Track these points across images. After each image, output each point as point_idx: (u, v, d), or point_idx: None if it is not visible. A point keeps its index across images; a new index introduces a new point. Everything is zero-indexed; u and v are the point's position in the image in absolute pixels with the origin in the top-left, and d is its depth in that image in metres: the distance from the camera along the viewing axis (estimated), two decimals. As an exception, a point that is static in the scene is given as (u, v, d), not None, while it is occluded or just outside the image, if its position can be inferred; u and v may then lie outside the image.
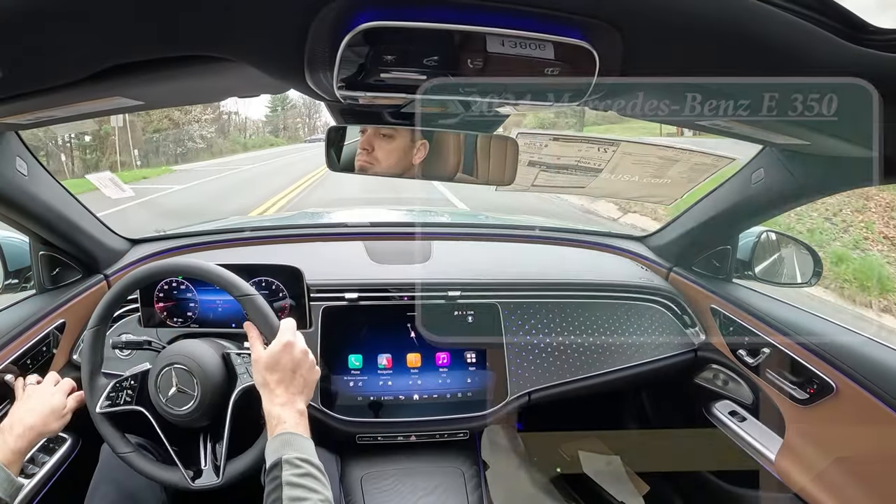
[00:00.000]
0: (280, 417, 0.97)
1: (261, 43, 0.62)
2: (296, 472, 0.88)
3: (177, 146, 31.21)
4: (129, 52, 0.63)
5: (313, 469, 0.90)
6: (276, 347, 1.04)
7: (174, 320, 1.46)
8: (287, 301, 1.46)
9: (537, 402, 1.55)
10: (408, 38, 0.59)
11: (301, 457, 0.90)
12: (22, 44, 0.59)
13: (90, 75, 0.66)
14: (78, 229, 1.47)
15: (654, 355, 1.62)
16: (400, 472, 1.45)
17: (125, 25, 0.58)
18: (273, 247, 1.93)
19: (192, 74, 0.70)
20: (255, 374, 1.05)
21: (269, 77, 0.69)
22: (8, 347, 1.29)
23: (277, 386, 1.01)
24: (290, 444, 0.92)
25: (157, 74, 0.69)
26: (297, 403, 1.01)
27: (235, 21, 0.58)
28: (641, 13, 0.56)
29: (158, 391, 1.13)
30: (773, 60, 0.58)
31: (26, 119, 0.89)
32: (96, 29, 0.58)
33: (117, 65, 0.64)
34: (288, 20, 0.57)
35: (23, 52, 0.61)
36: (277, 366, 1.02)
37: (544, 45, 0.60)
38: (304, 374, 1.05)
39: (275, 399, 1.00)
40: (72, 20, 0.56)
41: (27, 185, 1.24)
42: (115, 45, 0.62)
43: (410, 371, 1.52)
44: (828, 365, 1.25)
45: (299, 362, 1.05)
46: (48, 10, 0.54)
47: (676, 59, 0.62)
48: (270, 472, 0.89)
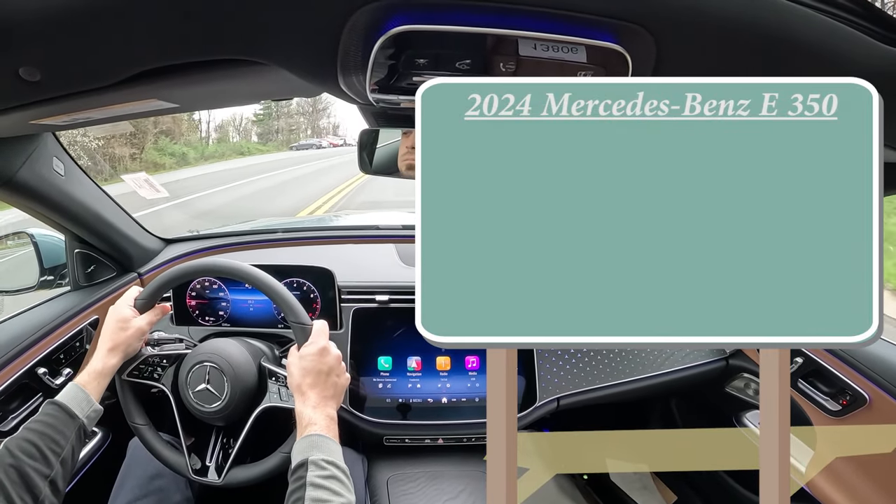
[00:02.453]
0: (311, 419, 0.97)
1: (294, 47, 0.62)
2: (321, 474, 0.88)
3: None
4: (166, 55, 0.63)
5: (338, 472, 0.90)
6: (311, 351, 1.05)
7: (206, 319, 1.48)
8: (318, 302, 1.47)
9: (566, 407, 1.53)
10: (440, 42, 0.59)
11: (327, 459, 0.90)
12: (60, 47, 0.60)
13: (127, 78, 0.67)
14: (113, 228, 1.50)
15: (685, 363, 1.59)
16: (426, 475, 1.45)
17: (162, 30, 0.58)
18: (305, 248, 1.94)
19: (226, 77, 0.70)
20: (289, 376, 1.06)
21: (303, 80, 0.69)
22: (42, 342, 1.32)
23: (310, 389, 1.02)
24: (318, 446, 0.92)
25: (192, 77, 0.69)
26: (329, 408, 1.02)
27: (269, 25, 0.58)
28: (675, 16, 0.55)
29: (188, 384, 1.14)
30: (807, 62, 0.57)
31: (63, 120, 0.89)
32: (134, 34, 0.59)
33: (153, 68, 0.65)
34: (321, 24, 0.57)
35: (61, 55, 0.62)
36: (312, 370, 1.03)
37: (577, 48, 0.59)
38: (336, 379, 1.06)
39: (307, 401, 1.01)
40: (111, 24, 0.56)
41: (64, 184, 1.27)
42: (152, 50, 0.62)
43: (440, 374, 1.51)
44: (861, 376, 1.21)
45: (332, 368, 1.06)
46: (86, 14, 0.54)
47: (708, 60, 0.61)
48: (296, 471, 0.90)
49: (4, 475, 0.84)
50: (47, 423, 0.94)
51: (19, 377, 1.26)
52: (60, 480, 0.91)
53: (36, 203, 1.24)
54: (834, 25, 0.55)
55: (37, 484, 0.86)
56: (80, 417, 0.98)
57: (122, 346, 1.12)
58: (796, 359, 1.37)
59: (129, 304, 1.16)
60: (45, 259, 1.48)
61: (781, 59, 0.59)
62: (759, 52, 0.59)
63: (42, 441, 0.91)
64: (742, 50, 0.59)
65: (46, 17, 0.55)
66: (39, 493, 0.86)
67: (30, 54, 0.62)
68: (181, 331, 1.44)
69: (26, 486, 0.85)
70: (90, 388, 1.03)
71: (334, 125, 63.08)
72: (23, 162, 1.13)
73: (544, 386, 1.51)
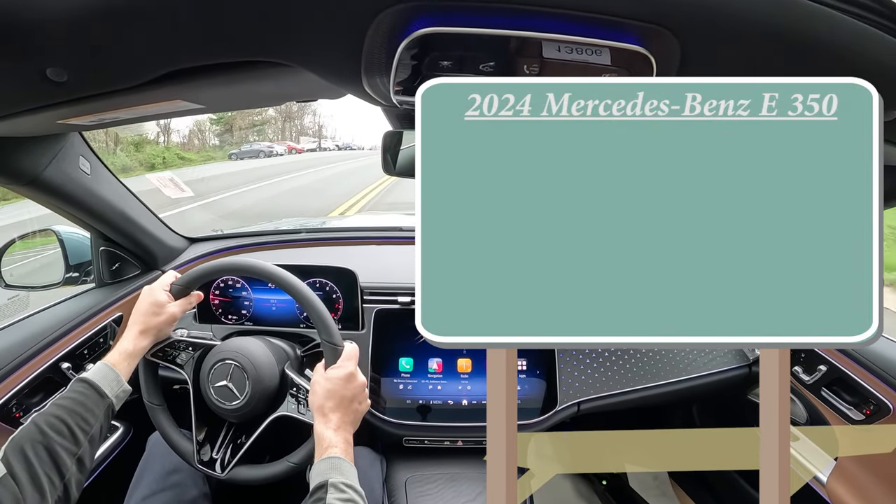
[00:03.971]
0: (332, 441, 0.98)
1: (319, 48, 0.62)
2: (340, 497, 0.88)
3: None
4: (191, 57, 0.63)
5: (356, 496, 0.91)
6: (339, 375, 1.06)
7: (229, 317, 1.49)
8: (340, 302, 1.48)
9: (586, 412, 1.52)
10: (464, 44, 0.59)
11: (346, 482, 0.91)
12: (87, 49, 0.61)
13: (152, 79, 0.67)
14: (138, 226, 1.52)
15: (707, 369, 1.56)
16: (444, 477, 1.45)
17: (188, 32, 0.59)
18: (328, 249, 1.95)
19: (251, 79, 0.70)
20: (312, 395, 1.06)
21: (327, 81, 0.69)
22: (67, 337, 1.34)
23: (333, 412, 1.02)
24: (338, 469, 0.93)
25: (216, 78, 0.70)
26: (347, 432, 1.02)
27: (294, 27, 0.58)
28: (700, 18, 0.55)
29: (209, 378, 1.15)
30: (833, 64, 0.57)
31: (89, 120, 0.90)
32: (160, 36, 0.59)
33: (179, 69, 0.66)
34: (345, 26, 0.57)
35: (88, 57, 0.63)
36: (337, 394, 1.04)
37: (601, 50, 0.59)
38: (357, 406, 1.07)
39: (328, 423, 1.01)
40: (137, 27, 0.57)
41: (90, 183, 1.28)
42: (177, 52, 0.62)
43: (460, 376, 1.51)
44: (886, 385, 1.19)
45: (356, 395, 1.07)
46: (113, 17, 0.55)
47: (733, 62, 0.60)
48: (315, 492, 0.90)
49: (33, 452, 0.85)
50: (77, 401, 0.95)
51: (43, 371, 1.28)
52: (87, 458, 0.92)
53: (62, 201, 1.26)
54: (860, 27, 0.55)
55: (64, 461, 0.87)
56: (110, 397, 0.99)
57: (154, 330, 1.13)
58: (820, 367, 1.35)
59: (165, 288, 1.17)
60: (71, 256, 1.50)
61: (807, 61, 0.58)
62: (783, 54, 0.58)
63: (71, 418, 0.92)
64: (767, 52, 0.58)
65: (73, 19, 0.55)
66: (66, 470, 0.87)
67: (57, 56, 0.62)
68: (204, 328, 1.45)
69: (54, 463, 0.86)
70: (120, 368, 1.04)
71: (318, 127, 59.21)
72: (50, 160, 1.15)
73: (565, 390, 1.50)
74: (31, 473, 0.83)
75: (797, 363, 1.43)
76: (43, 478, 0.83)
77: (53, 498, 0.84)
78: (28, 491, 0.81)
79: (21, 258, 1.50)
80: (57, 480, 0.85)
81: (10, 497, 0.79)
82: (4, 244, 1.45)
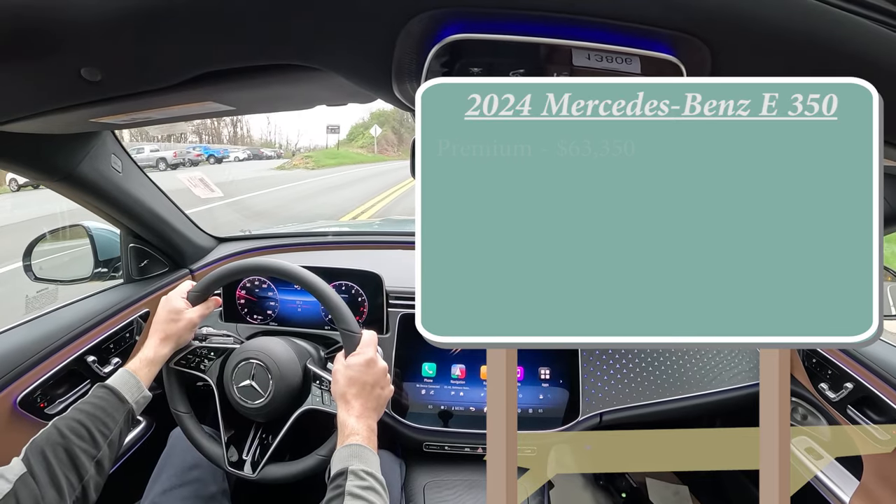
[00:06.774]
0: (353, 429, 0.98)
1: (350, 53, 0.61)
2: (359, 484, 0.88)
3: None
4: (224, 60, 0.64)
5: (376, 483, 0.90)
6: (358, 361, 1.06)
7: (254, 317, 1.51)
8: (365, 306, 1.48)
9: (608, 423, 1.50)
10: (494, 51, 0.58)
11: (367, 469, 0.91)
12: (121, 50, 0.61)
13: (184, 80, 0.68)
14: (167, 224, 1.54)
15: (732, 383, 1.54)
16: (464, 484, 1.44)
17: (222, 35, 0.59)
18: (354, 252, 1.96)
19: (282, 82, 0.71)
20: (334, 384, 1.07)
21: (357, 86, 0.69)
22: (94, 330, 1.36)
23: (355, 399, 1.02)
24: (359, 456, 0.93)
25: (248, 81, 0.70)
26: (370, 419, 1.02)
27: (326, 32, 0.58)
28: (731, 27, 0.54)
29: (233, 379, 1.16)
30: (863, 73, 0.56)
31: (122, 119, 0.91)
32: (193, 38, 0.59)
33: (211, 71, 0.66)
34: (376, 31, 0.57)
35: (121, 57, 0.63)
36: (358, 380, 1.04)
37: (631, 59, 0.58)
38: (380, 391, 1.07)
39: (351, 411, 1.01)
40: (171, 29, 0.57)
41: (121, 181, 1.31)
42: (210, 54, 0.62)
43: (483, 383, 1.50)
44: None
45: (378, 380, 1.06)
46: (148, 19, 0.55)
47: (763, 70, 0.60)
48: (335, 479, 0.90)
49: (53, 454, 0.86)
50: (98, 406, 0.97)
51: (69, 363, 1.30)
52: (106, 461, 0.93)
53: (94, 197, 1.28)
54: (892, 36, 0.54)
55: (83, 463, 0.89)
56: (130, 402, 1.01)
57: (174, 336, 1.14)
58: (846, 384, 1.32)
59: (182, 295, 1.19)
60: (100, 252, 1.52)
61: (837, 68, 0.57)
62: (814, 62, 0.57)
63: (91, 422, 0.94)
64: (797, 59, 0.57)
65: (109, 20, 0.56)
66: (85, 472, 0.89)
67: (91, 56, 0.63)
68: (229, 327, 1.46)
69: (73, 465, 0.88)
70: (140, 375, 1.06)
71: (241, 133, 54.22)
72: (83, 158, 1.17)
73: (587, 401, 1.49)
74: (51, 474, 0.84)
75: (823, 380, 1.41)
76: (62, 479, 0.85)
77: (72, 498, 0.85)
78: (47, 491, 0.82)
79: (49, 251, 1.53)
80: (75, 482, 0.87)
81: (29, 496, 0.80)
82: (34, 238, 1.48)
